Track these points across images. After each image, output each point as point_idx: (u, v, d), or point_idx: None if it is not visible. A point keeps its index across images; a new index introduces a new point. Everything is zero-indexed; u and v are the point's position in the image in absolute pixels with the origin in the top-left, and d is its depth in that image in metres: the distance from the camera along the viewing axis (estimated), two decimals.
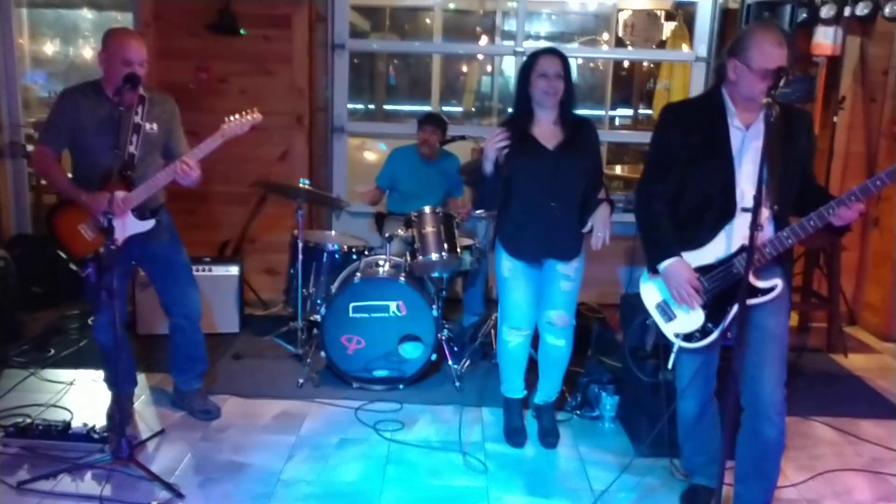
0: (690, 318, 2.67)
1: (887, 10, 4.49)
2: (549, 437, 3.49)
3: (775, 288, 2.56)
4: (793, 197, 2.61)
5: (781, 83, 2.37)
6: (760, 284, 2.56)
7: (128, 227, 3.22)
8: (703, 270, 2.64)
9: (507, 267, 3.35)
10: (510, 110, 3.50)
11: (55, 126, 3.24)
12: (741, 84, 2.52)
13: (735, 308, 2.50)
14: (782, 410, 2.58)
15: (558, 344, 3.42)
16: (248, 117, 3.25)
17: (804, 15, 4.77)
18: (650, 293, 2.78)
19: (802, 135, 2.62)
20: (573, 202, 3.27)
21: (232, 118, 3.23)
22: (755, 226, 2.31)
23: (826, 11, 4.67)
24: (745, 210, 2.51)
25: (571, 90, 3.22)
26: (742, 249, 2.53)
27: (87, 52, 7.46)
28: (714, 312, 2.63)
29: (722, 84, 2.62)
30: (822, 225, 2.45)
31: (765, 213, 2.53)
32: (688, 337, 2.69)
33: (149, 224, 3.29)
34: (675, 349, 2.71)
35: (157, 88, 3.44)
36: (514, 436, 3.50)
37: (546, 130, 3.25)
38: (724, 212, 2.59)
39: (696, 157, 2.61)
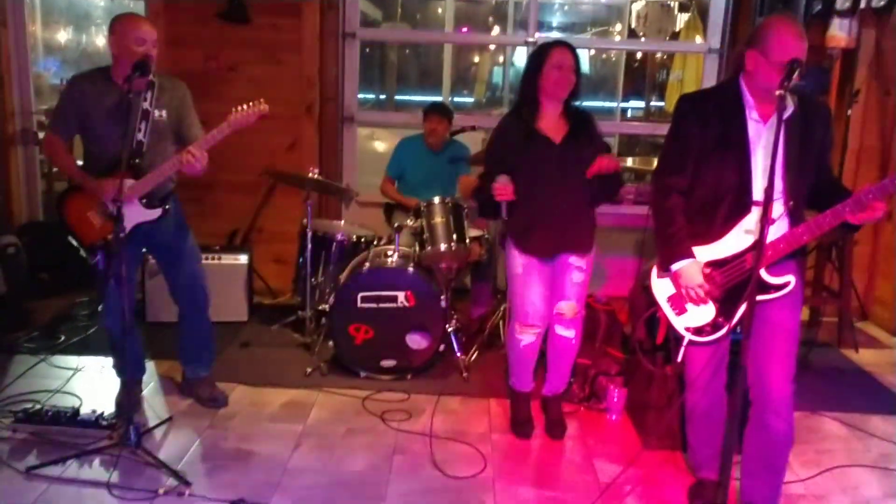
0: (701, 313, 2.65)
1: None
2: (556, 429, 3.49)
3: (788, 284, 2.53)
4: (807, 190, 2.57)
5: (794, 75, 2.33)
6: (773, 280, 2.53)
7: (134, 215, 3.22)
8: (715, 265, 2.61)
9: (521, 263, 3.32)
10: (515, 103, 3.47)
11: (63, 113, 3.25)
12: (758, 75, 2.48)
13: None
14: (790, 405, 2.57)
15: (568, 335, 3.40)
16: (256, 108, 3.24)
17: (819, 6, 4.72)
18: (661, 285, 2.76)
19: (820, 127, 2.58)
20: (582, 194, 3.26)
21: (239, 108, 3.22)
22: (765, 220, 2.28)
23: (841, 3, 4.62)
24: (758, 204, 2.48)
25: (579, 84, 3.22)
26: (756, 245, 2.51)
27: (100, 39, 7.45)
28: (725, 307, 2.61)
29: (740, 75, 2.59)
30: (837, 223, 2.41)
31: (779, 208, 2.50)
32: (698, 331, 2.67)
33: (155, 213, 3.28)
34: (684, 342, 2.70)
35: (167, 74, 3.43)
36: (521, 427, 3.49)
37: (551, 123, 3.24)
38: (739, 206, 2.56)
39: (711, 149, 2.58)
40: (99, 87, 3.21)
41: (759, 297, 2.50)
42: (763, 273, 2.51)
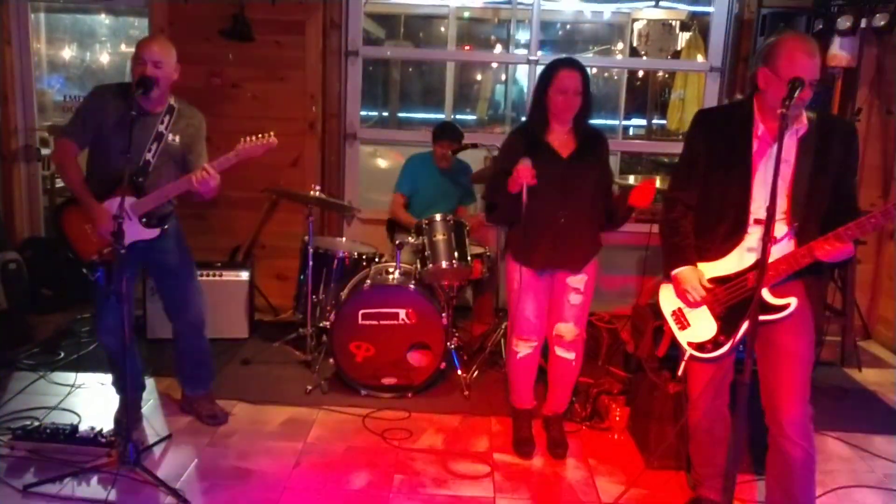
0: (703, 329, 2.65)
1: None
2: (557, 448, 3.46)
3: (788, 306, 2.51)
4: (821, 213, 2.52)
5: (797, 93, 2.32)
6: (774, 301, 2.52)
7: (133, 232, 3.21)
8: (719, 282, 2.61)
9: (517, 277, 3.31)
10: (524, 119, 3.48)
11: (81, 120, 3.26)
12: (769, 93, 2.48)
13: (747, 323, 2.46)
14: (806, 430, 2.52)
15: (568, 357, 3.40)
16: (264, 140, 3.24)
17: (820, 26, 4.74)
18: (667, 299, 2.77)
19: (838, 147, 2.52)
20: (583, 212, 3.24)
21: (248, 139, 3.23)
22: (767, 238, 2.27)
23: (842, 22, 4.63)
24: (759, 222, 2.48)
25: (588, 103, 3.19)
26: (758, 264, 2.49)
27: (104, 56, 7.50)
28: (727, 326, 2.60)
29: (755, 93, 2.57)
30: (840, 245, 2.36)
31: (782, 228, 2.49)
32: (699, 347, 2.67)
33: (153, 232, 3.29)
34: (685, 357, 2.70)
35: (188, 101, 3.44)
36: (523, 446, 3.47)
37: (560, 138, 3.24)
38: (740, 223, 2.56)
39: (717, 166, 2.60)
40: (118, 100, 3.23)
41: (761, 318, 2.49)
42: (765, 293, 2.50)
